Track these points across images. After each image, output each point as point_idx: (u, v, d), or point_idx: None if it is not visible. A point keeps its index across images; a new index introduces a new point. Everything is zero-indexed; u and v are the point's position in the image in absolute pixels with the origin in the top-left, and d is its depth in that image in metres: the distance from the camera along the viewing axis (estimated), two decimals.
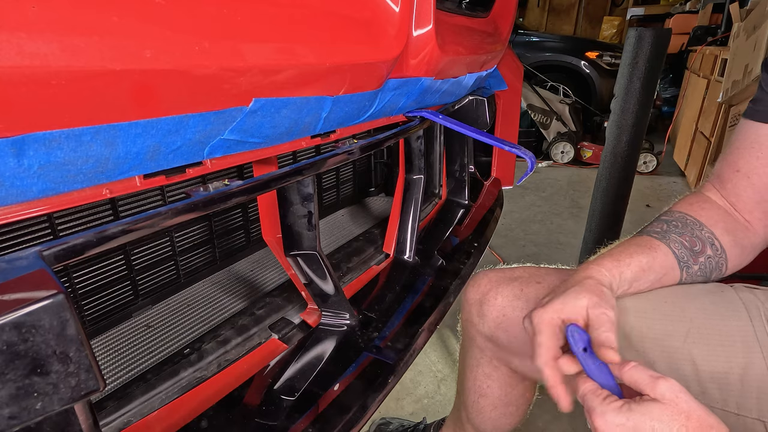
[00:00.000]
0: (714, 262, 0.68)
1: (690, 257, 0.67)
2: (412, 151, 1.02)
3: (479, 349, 0.81)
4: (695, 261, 0.67)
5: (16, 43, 0.27)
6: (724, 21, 3.67)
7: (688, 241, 0.68)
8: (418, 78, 0.75)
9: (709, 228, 0.68)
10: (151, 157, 0.42)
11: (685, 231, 0.69)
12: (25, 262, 0.34)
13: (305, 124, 0.59)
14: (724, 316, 0.62)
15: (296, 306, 0.82)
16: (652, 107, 1.58)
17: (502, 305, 0.74)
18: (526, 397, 0.86)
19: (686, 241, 0.68)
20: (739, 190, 0.69)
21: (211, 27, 0.39)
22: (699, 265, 0.68)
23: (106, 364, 0.69)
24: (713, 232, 0.68)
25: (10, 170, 0.32)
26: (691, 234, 0.68)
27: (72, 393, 0.32)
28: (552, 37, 4.70)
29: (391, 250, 1.02)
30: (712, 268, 0.68)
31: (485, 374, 0.82)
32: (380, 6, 0.62)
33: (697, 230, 0.69)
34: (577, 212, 2.79)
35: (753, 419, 0.57)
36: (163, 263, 0.87)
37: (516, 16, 1.53)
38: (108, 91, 0.34)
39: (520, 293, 0.73)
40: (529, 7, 8.48)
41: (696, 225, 0.69)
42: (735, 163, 0.69)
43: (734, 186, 0.69)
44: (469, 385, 0.85)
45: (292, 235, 0.72)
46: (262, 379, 0.66)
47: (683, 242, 0.68)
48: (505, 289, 0.74)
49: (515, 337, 0.73)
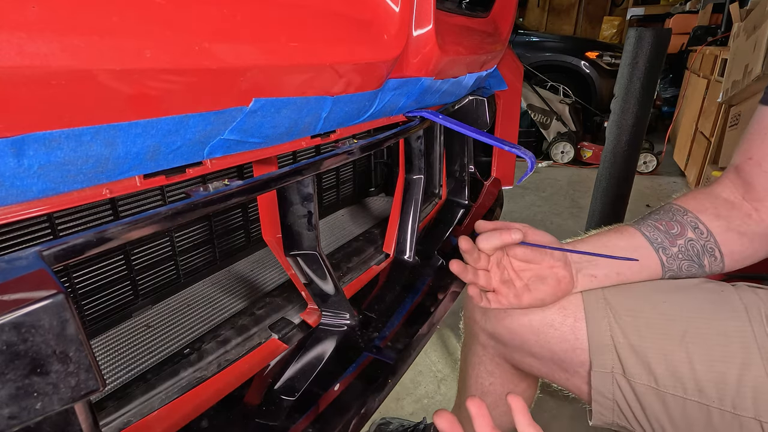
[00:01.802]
0: (699, 245, 0.67)
1: (665, 239, 0.68)
2: (412, 151, 1.02)
3: (482, 346, 0.82)
4: (672, 243, 0.67)
5: (16, 43, 0.27)
6: (724, 21, 3.67)
7: (664, 225, 0.68)
8: (418, 78, 0.75)
9: (694, 213, 0.68)
10: (151, 157, 0.42)
11: (665, 217, 0.69)
12: (25, 262, 0.34)
13: (305, 124, 0.59)
14: (722, 316, 0.62)
15: (296, 306, 0.82)
16: (652, 107, 1.58)
17: None
18: (528, 395, 0.86)
19: (661, 225, 0.68)
20: (751, 178, 0.67)
21: (211, 27, 0.39)
22: (678, 247, 0.67)
23: (106, 364, 0.69)
24: (698, 216, 0.68)
25: (10, 170, 0.32)
26: (670, 219, 0.69)
27: (72, 393, 0.32)
28: (552, 37, 4.70)
29: (391, 250, 1.02)
30: (698, 251, 0.67)
31: (487, 372, 0.83)
32: (380, 6, 0.62)
33: (678, 215, 0.69)
34: (577, 212, 2.79)
35: (749, 418, 0.58)
36: (163, 263, 0.87)
37: (516, 16, 1.53)
38: (108, 91, 0.34)
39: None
40: (529, 7, 8.48)
41: (679, 211, 0.69)
42: (748, 150, 0.68)
43: (747, 174, 0.68)
44: (471, 383, 0.85)
45: (292, 235, 0.72)
46: (262, 379, 0.66)
47: (657, 226, 0.69)
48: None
49: (516, 334, 0.73)
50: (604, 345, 0.66)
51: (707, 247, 0.67)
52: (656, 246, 0.67)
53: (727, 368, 0.59)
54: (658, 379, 0.62)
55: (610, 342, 0.66)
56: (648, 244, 0.68)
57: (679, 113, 3.95)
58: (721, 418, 0.59)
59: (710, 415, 0.60)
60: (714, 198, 0.70)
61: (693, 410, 0.61)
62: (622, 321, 0.66)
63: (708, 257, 0.67)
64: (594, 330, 0.67)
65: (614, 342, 0.66)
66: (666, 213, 0.70)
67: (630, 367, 0.64)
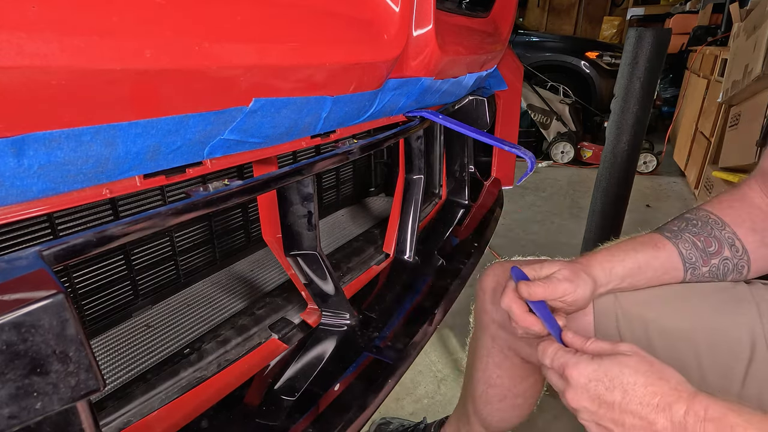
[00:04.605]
0: (731, 264, 0.66)
1: (700, 258, 0.65)
2: (412, 151, 1.02)
3: (491, 338, 0.82)
4: (705, 263, 0.66)
5: (16, 43, 0.27)
6: (724, 21, 3.67)
7: (703, 242, 0.66)
8: (418, 78, 0.75)
9: (731, 228, 0.66)
10: (151, 157, 0.42)
11: (703, 231, 0.66)
12: (25, 262, 0.34)
13: (305, 124, 0.59)
14: (732, 312, 0.62)
15: (296, 306, 0.82)
16: (652, 107, 1.58)
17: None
18: (535, 390, 0.86)
19: (699, 242, 0.66)
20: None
21: (211, 27, 0.39)
22: (710, 266, 0.66)
23: (106, 364, 0.69)
24: (735, 232, 0.66)
25: (10, 170, 0.32)
26: (708, 234, 0.66)
27: (72, 393, 0.32)
28: (552, 37, 4.70)
29: (391, 250, 1.02)
30: (728, 270, 0.66)
31: (496, 364, 0.83)
32: (380, 6, 0.62)
33: (717, 230, 0.66)
34: (577, 212, 2.79)
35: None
36: (163, 263, 0.87)
37: (516, 16, 1.53)
38: (108, 91, 0.34)
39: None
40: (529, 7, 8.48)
41: (717, 224, 0.67)
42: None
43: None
44: (479, 375, 0.85)
45: (292, 235, 0.72)
46: (262, 379, 0.66)
47: (696, 242, 0.66)
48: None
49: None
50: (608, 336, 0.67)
51: (738, 265, 0.66)
52: (688, 266, 0.66)
53: (734, 363, 0.59)
54: None
55: (617, 336, 0.66)
56: (681, 265, 0.66)
57: (679, 113, 3.95)
58: None
59: None
60: (750, 207, 0.67)
61: None
62: (630, 316, 0.67)
63: (734, 274, 0.66)
64: (601, 324, 0.68)
65: (620, 336, 0.66)
66: (704, 226, 0.67)
67: None
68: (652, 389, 0.47)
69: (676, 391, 0.47)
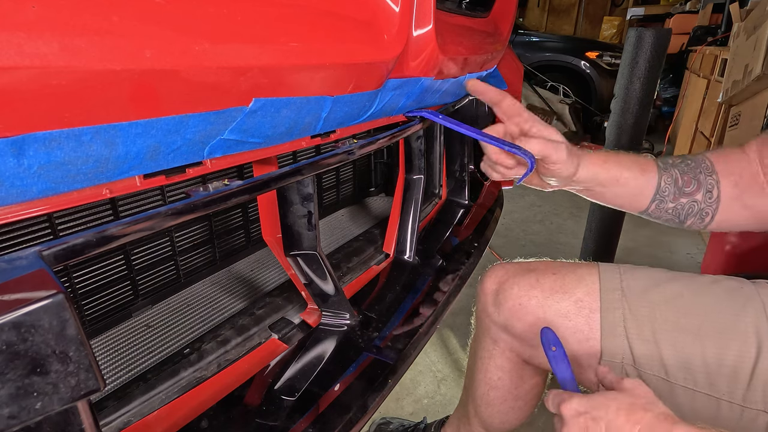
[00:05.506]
0: (697, 207, 0.68)
1: (672, 194, 0.68)
2: (412, 151, 1.02)
3: (493, 340, 0.82)
4: (675, 199, 0.68)
5: (16, 43, 0.27)
6: (724, 21, 3.67)
7: (684, 180, 0.69)
8: (418, 78, 0.75)
9: (718, 176, 0.68)
10: (151, 157, 0.42)
11: (691, 171, 0.69)
12: (25, 262, 0.34)
13: (305, 124, 0.59)
14: (738, 311, 0.63)
15: (296, 306, 0.82)
16: (652, 107, 1.58)
17: (518, 295, 0.74)
18: (536, 393, 0.86)
19: (681, 180, 0.69)
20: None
21: (211, 27, 0.39)
22: (676, 204, 0.69)
23: (106, 364, 0.69)
24: (719, 181, 0.68)
25: (10, 170, 0.32)
26: (693, 175, 0.69)
27: (72, 393, 0.32)
28: (552, 37, 4.70)
29: (391, 250, 1.02)
30: (691, 213, 0.69)
31: (497, 366, 0.83)
32: (380, 6, 0.62)
33: (704, 174, 0.69)
34: (577, 212, 2.79)
35: (757, 411, 0.58)
36: (163, 263, 0.87)
37: (516, 16, 1.53)
38: (108, 91, 0.34)
39: (536, 283, 0.74)
40: (529, 7, 8.49)
41: (707, 169, 0.69)
42: None
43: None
44: (480, 377, 0.85)
45: (292, 235, 0.72)
46: (262, 379, 0.66)
47: (678, 179, 0.69)
48: (522, 280, 0.75)
49: (530, 326, 0.73)
50: (615, 335, 0.67)
51: (704, 211, 0.68)
52: (657, 197, 0.69)
53: (740, 362, 0.60)
54: (669, 370, 0.63)
55: (623, 333, 0.67)
56: (651, 194, 0.69)
57: (679, 113, 3.95)
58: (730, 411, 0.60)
59: (719, 407, 0.61)
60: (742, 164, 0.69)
61: (702, 402, 0.62)
62: (636, 313, 0.67)
63: (695, 218, 0.69)
64: (607, 321, 0.68)
65: (626, 333, 0.67)
66: (695, 167, 0.70)
67: (640, 358, 0.65)
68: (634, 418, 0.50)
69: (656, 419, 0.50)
